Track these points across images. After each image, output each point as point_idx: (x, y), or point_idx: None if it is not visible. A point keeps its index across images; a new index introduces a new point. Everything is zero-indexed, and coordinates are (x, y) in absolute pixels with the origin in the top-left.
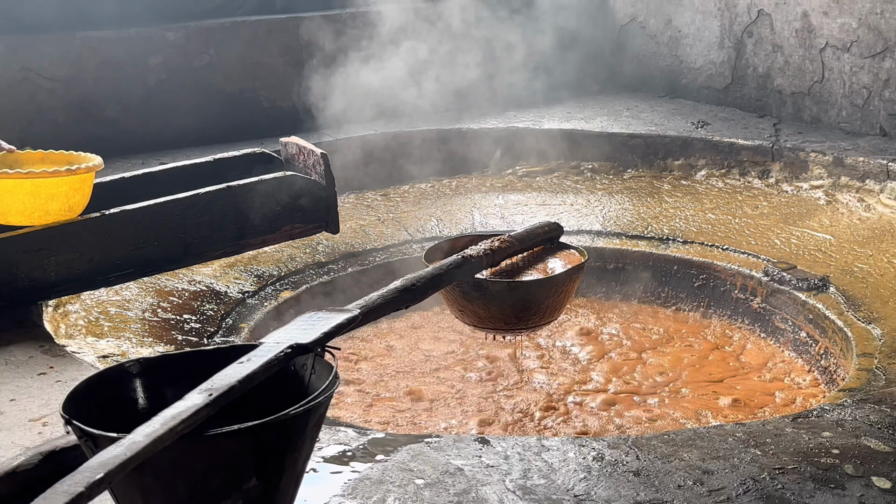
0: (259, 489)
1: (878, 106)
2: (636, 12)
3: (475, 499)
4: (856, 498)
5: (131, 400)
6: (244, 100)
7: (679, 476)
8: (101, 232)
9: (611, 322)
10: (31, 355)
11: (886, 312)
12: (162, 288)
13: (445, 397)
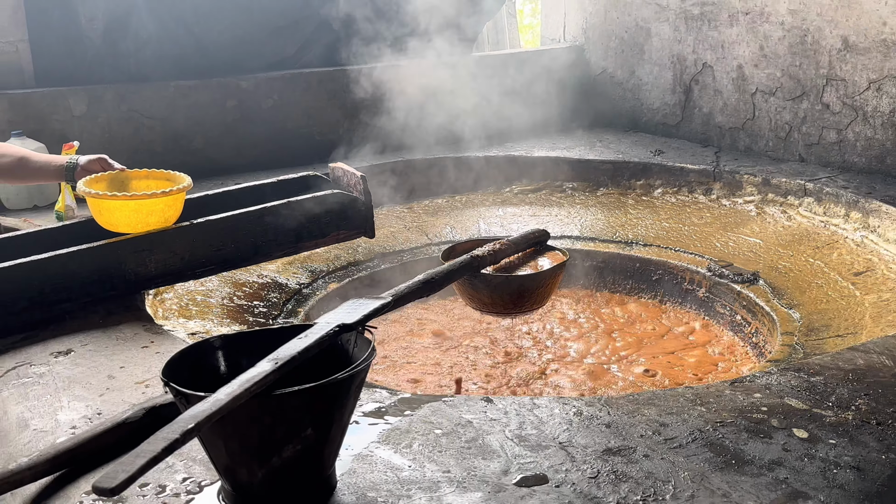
0: (313, 437)
1: (797, 138)
2: (607, 65)
3: (481, 445)
4: (780, 445)
5: (214, 367)
6: (300, 134)
7: (641, 428)
8: (190, 237)
9: (587, 308)
10: (136, 332)
11: (803, 300)
12: (236, 281)
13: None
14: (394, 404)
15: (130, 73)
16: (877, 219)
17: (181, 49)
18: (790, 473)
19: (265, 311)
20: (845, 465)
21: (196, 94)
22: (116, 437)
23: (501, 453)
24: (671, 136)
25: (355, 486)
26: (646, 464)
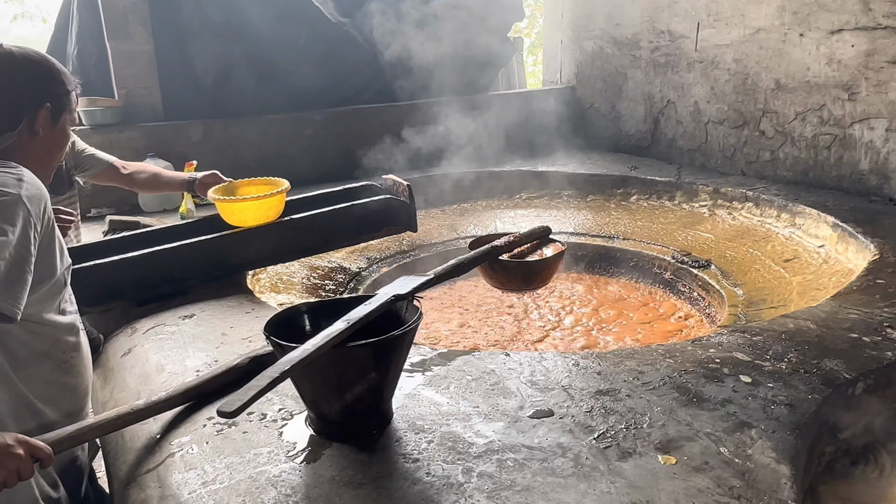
0: (376, 379)
1: (739, 157)
2: (593, 101)
3: (502, 387)
4: (730, 387)
5: (300, 327)
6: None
7: (624, 375)
8: (279, 231)
9: (579, 288)
10: (240, 302)
11: (745, 280)
12: (312, 265)
13: (485, 329)
14: (435, 357)
15: (233, 109)
16: (801, 219)
17: (270, 91)
18: (738, 409)
19: (333, 288)
20: (780, 402)
21: (281, 125)
22: (229, 378)
23: (517, 394)
24: (643, 155)
25: (406, 416)
26: (628, 401)
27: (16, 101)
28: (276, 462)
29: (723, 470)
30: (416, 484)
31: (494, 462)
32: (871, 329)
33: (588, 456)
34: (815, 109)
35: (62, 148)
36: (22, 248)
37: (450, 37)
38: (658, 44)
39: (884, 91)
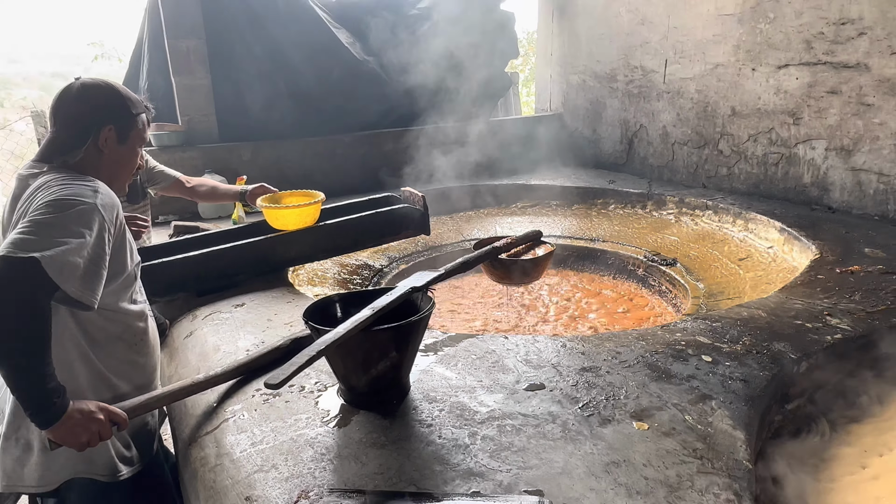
0: (396, 357)
1: (701, 173)
2: (578, 126)
3: (502, 365)
4: (693, 365)
5: (333, 313)
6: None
7: (604, 354)
8: (317, 234)
9: (566, 282)
10: (283, 293)
11: (706, 276)
12: (342, 262)
13: (487, 316)
14: (445, 339)
15: (277, 132)
16: (753, 224)
17: (307, 117)
18: (700, 383)
19: (360, 282)
20: (736, 378)
21: (316, 146)
22: (273, 356)
23: (514, 370)
24: (619, 171)
25: (421, 388)
26: (607, 377)
27: (82, 123)
28: (313, 426)
29: (688, 434)
30: (430, 445)
31: (495, 427)
32: (812, 317)
33: (574, 422)
34: (765, 132)
35: (131, 163)
36: (98, 249)
37: (456, 72)
38: (632, 77)
39: (823, 116)
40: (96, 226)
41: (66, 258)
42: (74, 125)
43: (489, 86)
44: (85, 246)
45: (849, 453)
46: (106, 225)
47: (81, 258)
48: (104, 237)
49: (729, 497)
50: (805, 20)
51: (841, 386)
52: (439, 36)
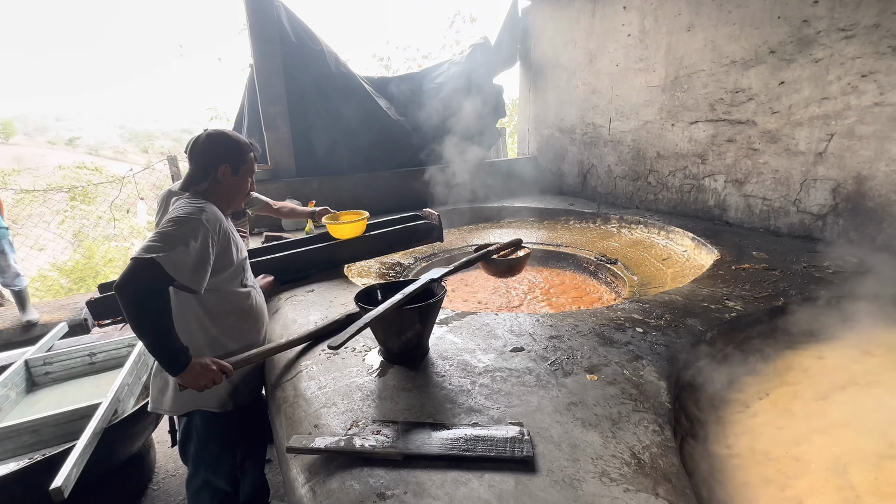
0: (420, 328)
1: (635, 198)
2: (547, 165)
3: (493, 333)
4: (629, 335)
5: (375, 297)
6: (410, 196)
7: (566, 326)
8: (364, 241)
9: (539, 275)
10: (340, 283)
11: (640, 272)
12: (381, 261)
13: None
14: (454, 315)
15: (336, 170)
16: (672, 234)
17: (356, 159)
18: (634, 347)
19: (394, 274)
20: (660, 343)
21: (363, 179)
22: (333, 327)
23: (502, 337)
24: (577, 196)
25: (437, 350)
26: (568, 342)
27: (208, 162)
28: (361, 376)
29: (625, 384)
30: (443, 390)
31: (489, 377)
32: (715, 300)
33: (544, 375)
34: (682, 169)
35: (243, 192)
36: (203, 251)
37: (462, 127)
38: (586, 131)
39: (723, 158)
40: (201, 235)
41: (179, 258)
42: (201, 164)
43: (485, 136)
44: (192, 250)
45: (739, 398)
46: (210, 234)
47: (190, 258)
48: (208, 243)
49: (655, 428)
50: (710, 90)
51: (736, 349)
52: (449, 102)
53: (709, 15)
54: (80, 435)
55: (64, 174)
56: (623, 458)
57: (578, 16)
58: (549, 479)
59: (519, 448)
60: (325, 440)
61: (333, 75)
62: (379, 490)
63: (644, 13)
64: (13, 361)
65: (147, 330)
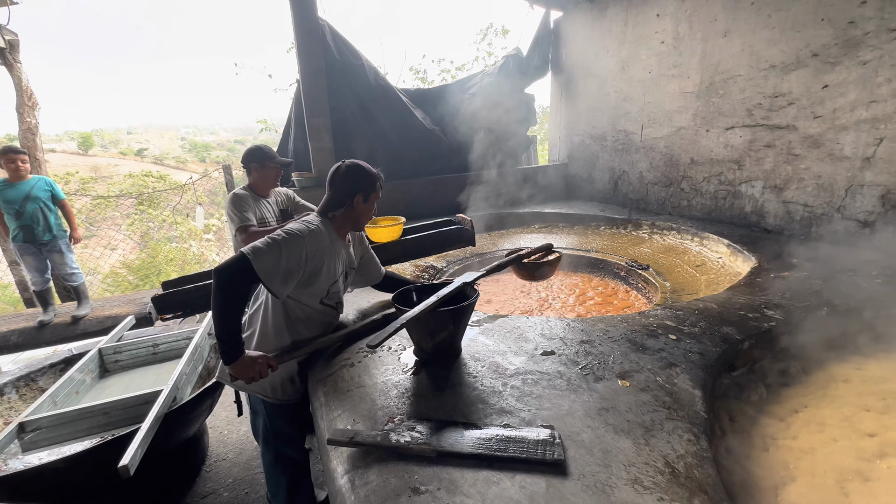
0: (453, 329)
1: (667, 204)
2: (578, 171)
3: (524, 337)
4: (662, 341)
5: (410, 298)
6: (445, 202)
7: (597, 331)
8: (400, 245)
9: (569, 280)
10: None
11: (671, 278)
12: (416, 264)
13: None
14: (485, 318)
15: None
16: (707, 241)
17: (394, 167)
18: (668, 354)
19: (427, 277)
20: (695, 351)
21: (400, 186)
22: (371, 326)
23: (533, 341)
24: (608, 203)
25: (469, 351)
26: (600, 347)
27: (346, 190)
28: (396, 374)
29: (658, 391)
30: (475, 390)
31: (520, 380)
32: (753, 308)
33: (575, 379)
34: (716, 175)
35: (369, 216)
36: (293, 265)
37: (494, 135)
38: (617, 137)
39: (761, 164)
40: (297, 252)
41: (270, 265)
42: (340, 192)
43: (516, 144)
44: (285, 261)
45: (777, 410)
46: (305, 253)
47: (280, 268)
48: (301, 261)
49: (690, 438)
50: (747, 95)
51: (775, 360)
52: (482, 111)
53: (746, 20)
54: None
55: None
56: (657, 466)
57: (611, 25)
58: (580, 483)
59: (550, 451)
60: (363, 434)
61: (373, 88)
62: (413, 485)
63: (678, 20)
64: (89, 349)
65: (219, 313)
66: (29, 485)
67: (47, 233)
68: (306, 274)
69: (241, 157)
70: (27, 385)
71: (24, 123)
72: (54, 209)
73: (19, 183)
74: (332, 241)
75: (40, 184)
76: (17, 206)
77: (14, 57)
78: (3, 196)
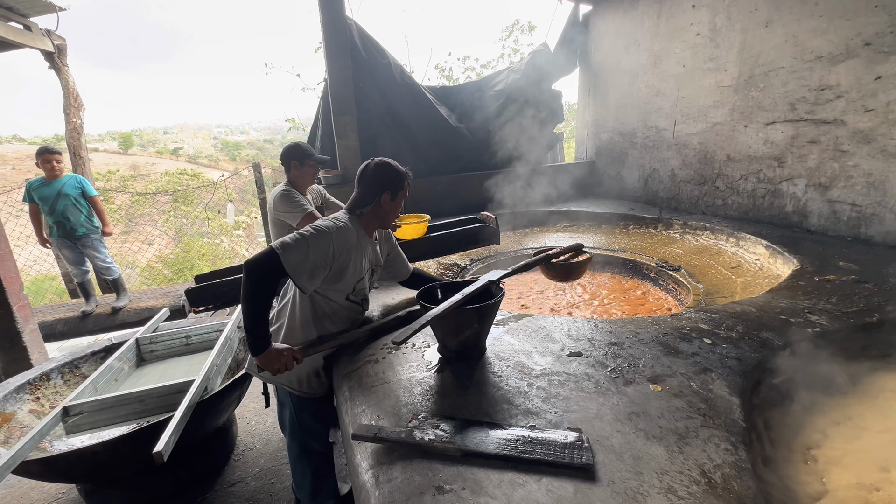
0: (478, 328)
1: (701, 203)
2: (605, 168)
3: (550, 337)
4: (696, 345)
5: (435, 295)
6: (470, 199)
7: (626, 333)
8: (424, 242)
9: (597, 280)
10: None
11: (704, 280)
12: (439, 261)
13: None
14: (510, 317)
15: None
16: (743, 241)
17: (419, 165)
18: (702, 359)
19: (451, 275)
20: (731, 357)
21: (424, 184)
22: (394, 322)
23: (559, 341)
24: (637, 201)
25: (494, 350)
26: (629, 350)
27: (374, 188)
28: (421, 371)
29: (693, 397)
30: (500, 390)
31: (546, 380)
32: (795, 313)
33: (604, 381)
34: (755, 173)
35: (397, 211)
36: (321, 262)
37: (520, 132)
38: (648, 134)
39: (804, 161)
40: (323, 249)
41: (297, 261)
42: (368, 190)
43: (542, 141)
44: (311, 257)
45: (819, 420)
46: (333, 248)
47: (307, 264)
48: (328, 254)
49: (727, 447)
50: (790, 88)
51: (819, 367)
52: (508, 108)
53: (791, 9)
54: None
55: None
56: (691, 475)
57: (643, 18)
58: (610, 489)
59: (578, 455)
60: (388, 430)
61: (398, 86)
62: (438, 483)
63: (716, 11)
64: (127, 339)
65: (248, 305)
66: (72, 466)
67: (80, 227)
68: (333, 270)
69: (279, 155)
70: (71, 371)
71: (70, 123)
72: (85, 205)
73: (53, 181)
74: (360, 238)
75: (71, 181)
76: (50, 203)
77: (62, 60)
78: (39, 193)
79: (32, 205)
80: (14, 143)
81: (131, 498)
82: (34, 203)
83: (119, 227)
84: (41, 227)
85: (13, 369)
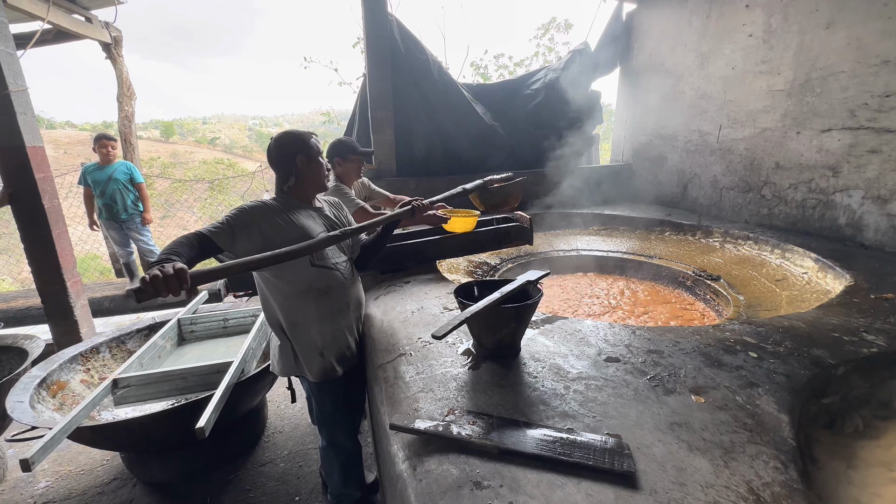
0: (514, 327)
1: (744, 212)
2: (643, 173)
3: (586, 341)
4: (741, 358)
5: (473, 293)
6: None
7: (666, 343)
8: (458, 239)
9: (631, 286)
10: (433, 277)
11: (745, 291)
12: (470, 259)
13: (574, 307)
14: (545, 318)
15: (432, 171)
16: (790, 253)
17: (452, 162)
18: (748, 373)
19: (481, 273)
20: (779, 372)
21: (457, 181)
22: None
23: (596, 346)
24: (675, 207)
25: (529, 351)
26: (669, 359)
27: (285, 161)
28: (455, 367)
29: (738, 411)
30: (536, 391)
31: (583, 384)
32: (849, 331)
33: (643, 389)
34: (805, 182)
35: (321, 173)
36: (239, 229)
37: (556, 132)
38: (690, 138)
39: (862, 171)
40: (244, 220)
41: (222, 233)
42: (281, 164)
43: (579, 143)
44: (231, 224)
45: (873, 446)
46: (255, 221)
47: (229, 233)
48: (247, 224)
49: (776, 465)
50: (850, 93)
51: (874, 391)
52: (544, 108)
53: (855, 10)
54: (216, 386)
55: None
56: (738, 491)
57: (691, 17)
58: (652, 499)
59: (619, 461)
60: (425, 423)
61: (435, 82)
62: (475, 479)
63: (771, 11)
64: (170, 319)
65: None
66: (121, 435)
67: (124, 212)
68: (265, 236)
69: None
70: (118, 346)
71: (123, 111)
72: (133, 191)
73: (106, 166)
74: (290, 208)
75: (121, 167)
76: (101, 187)
77: (118, 52)
78: (93, 177)
79: (87, 188)
80: (67, 128)
81: (169, 469)
82: (88, 186)
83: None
84: (93, 210)
85: (65, 341)
